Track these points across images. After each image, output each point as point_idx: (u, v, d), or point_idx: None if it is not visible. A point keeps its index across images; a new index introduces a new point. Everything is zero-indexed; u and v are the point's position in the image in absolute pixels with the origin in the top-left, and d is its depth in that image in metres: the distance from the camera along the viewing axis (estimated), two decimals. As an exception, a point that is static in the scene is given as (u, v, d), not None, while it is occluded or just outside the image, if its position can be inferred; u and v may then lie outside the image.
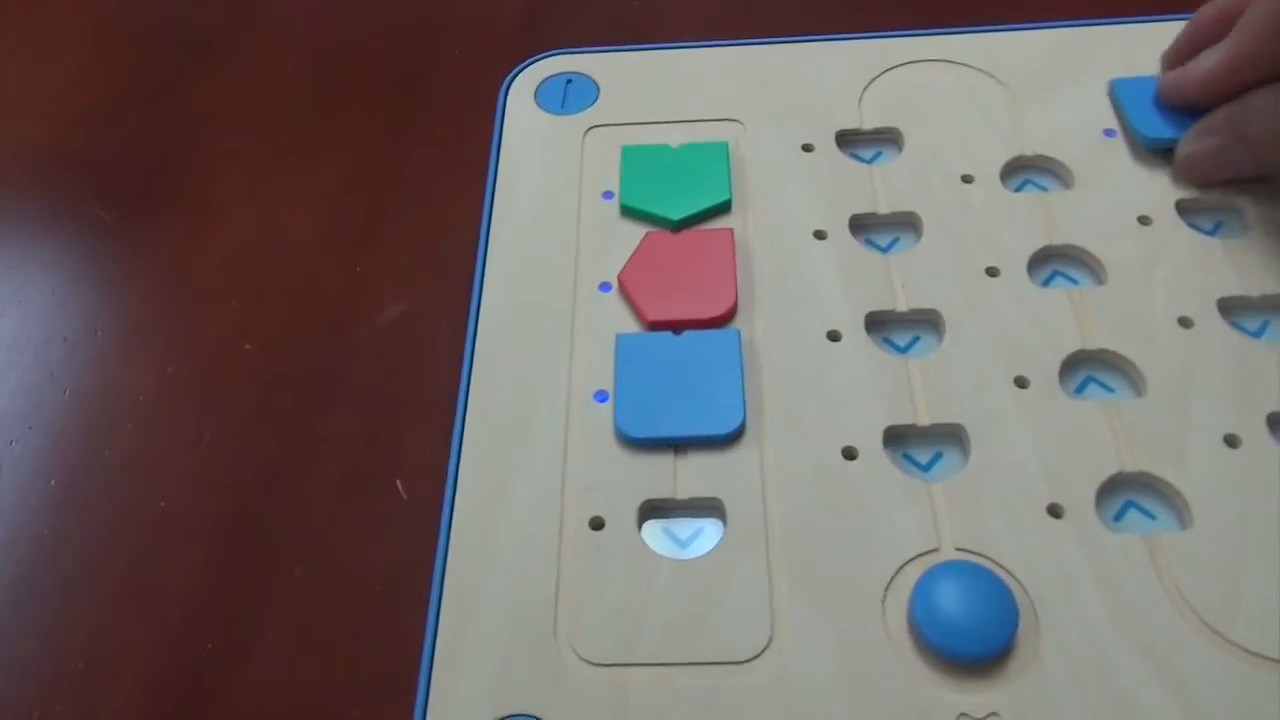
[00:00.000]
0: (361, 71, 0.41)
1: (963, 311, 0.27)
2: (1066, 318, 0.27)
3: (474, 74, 0.40)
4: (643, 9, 0.42)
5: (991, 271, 0.28)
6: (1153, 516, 0.24)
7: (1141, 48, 0.33)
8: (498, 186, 0.31)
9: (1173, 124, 0.30)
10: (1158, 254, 0.28)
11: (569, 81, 0.34)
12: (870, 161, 0.32)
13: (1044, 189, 0.31)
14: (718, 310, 0.27)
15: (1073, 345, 0.26)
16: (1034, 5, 0.39)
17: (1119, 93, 0.31)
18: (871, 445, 0.25)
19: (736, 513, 0.24)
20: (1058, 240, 0.29)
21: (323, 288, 0.34)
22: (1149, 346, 0.26)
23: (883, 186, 0.30)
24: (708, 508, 0.25)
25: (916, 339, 0.28)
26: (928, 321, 0.28)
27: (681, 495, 0.25)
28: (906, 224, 0.30)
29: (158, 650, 0.26)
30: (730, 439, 0.25)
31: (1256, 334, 0.27)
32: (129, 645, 0.26)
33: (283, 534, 0.28)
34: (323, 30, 0.43)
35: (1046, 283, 0.28)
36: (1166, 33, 0.33)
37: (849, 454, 0.25)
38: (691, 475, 0.25)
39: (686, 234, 0.29)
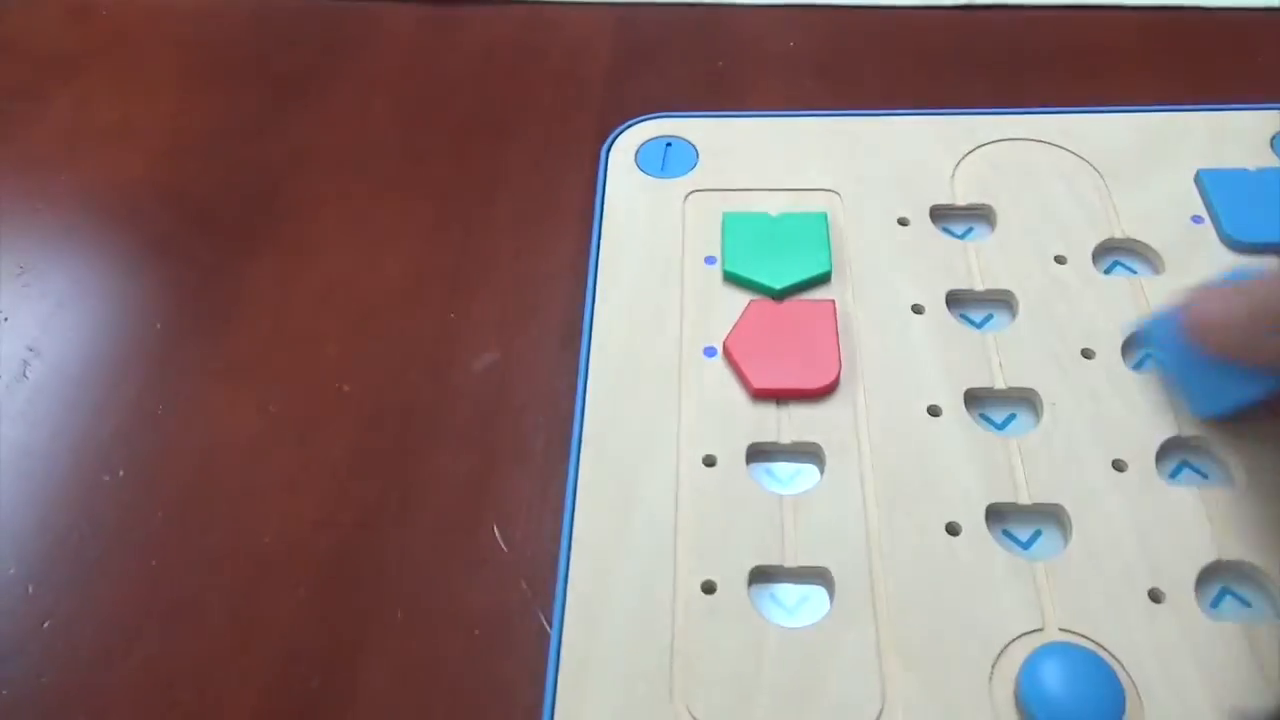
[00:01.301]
0: (451, 117, 0.42)
1: (1060, 392, 0.28)
2: (1161, 402, 0.28)
3: (562, 126, 0.41)
4: (726, 69, 0.43)
5: (1087, 353, 0.29)
6: (1248, 604, 0.25)
7: (1226, 136, 0.34)
8: (602, 247, 0.32)
9: (1261, 226, 0.31)
10: (1248, 343, 0.29)
11: (669, 145, 0.35)
12: (963, 237, 0.33)
13: (1133, 272, 0.31)
14: (822, 381, 0.28)
15: (1168, 432, 0.27)
16: (1113, 85, 0.40)
17: (1206, 184, 0.32)
18: (974, 521, 0.26)
19: (844, 583, 0.25)
20: (1150, 325, 0.30)
21: (416, 332, 0.35)
22: (1241, 436, 0.27)
23: (978, 262, 0.31)
24: (815, 576, 0.25)
25: (1013, 416, 0.28)
26: (1025, 400, 0.28)
27: (790, 564, 0.25)
28: (1002, 301, 0.31)
29: (263, 685, 0.27)
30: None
31: (1346, 427, 0.28)
32: (234, 679, 0.27)
33: (382, 574, 0.29)
34: (413, 74, 0.44)
35: (1138, 366, 0.29)
36: (1251, 122, 0.34)
37: (952, 529, 0.26)
38: (799, 542, 0.26)
39: (789, 303, 0.30)
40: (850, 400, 0.28)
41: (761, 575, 0.25)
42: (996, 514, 0.26)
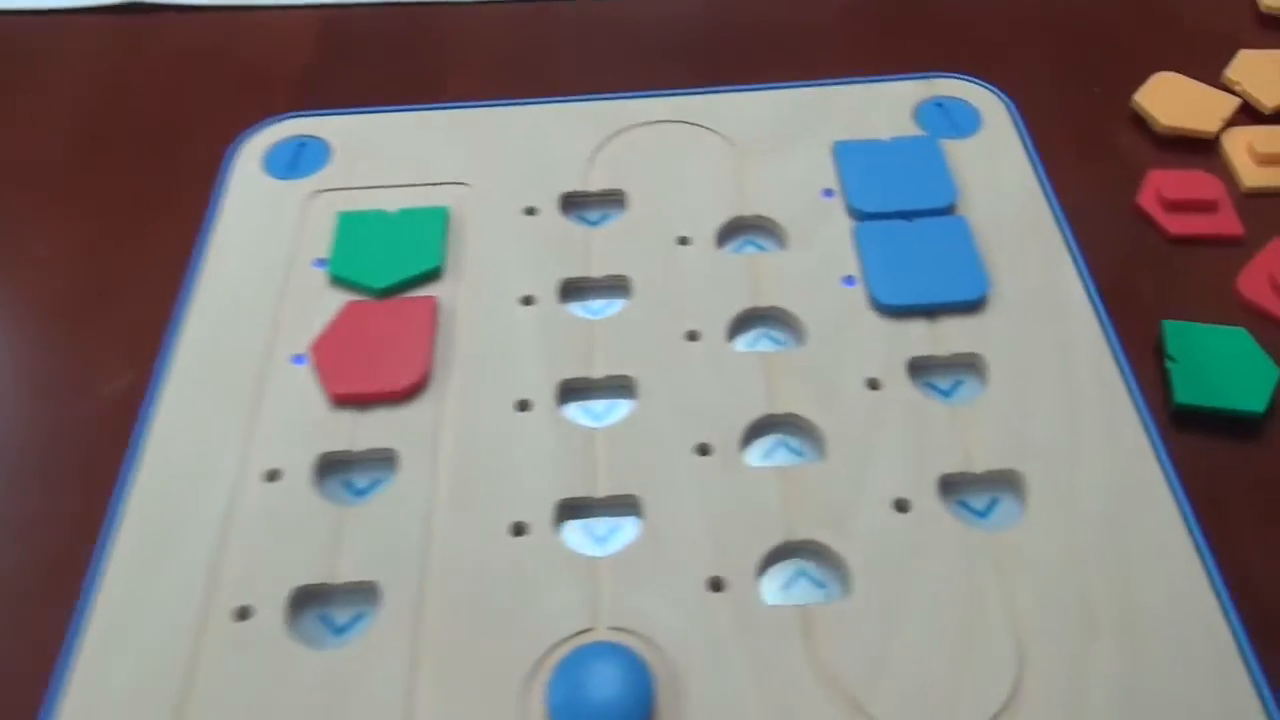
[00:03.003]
0: (131, 130, 0.40)
1: (657, 377, 0.27)
2: (758, 381, 0.27)
3: (234, 134, 0.39)
4: (430, 68, 0.42)
5: (692, 335, 0.28)
6: (822, 585, 0.24)
7: (873, 108, 0.33)
8: (207, 257, 0.30)
9: (885, 195, 0.30)
10: (856, 313, 0.28)
11: (302, 145, 0.33)
12: (596, 224, 0.31)
13: (762, 249, 0.31)
14: (406, 381, 0.27)
15: (759, 410, 0.26)
16: (811, 64, 0.39)
17: (840, 156, 0.32)
18: (543, 520, 0.24)
19: (391, 599, 0.23)
20: (763, 302, 0.29)
21: (49, 355, 0.33)
22: (834, 409, 0.26)
23: (601, 249, 0.30)
24: (362, 593, 0.24)
25: (614, 406, 0.27)
26: (623, 388, 0.27)
27: (338, 580, 0.24)
28: (619, 288, 0.29)
29: None
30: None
31: (947, 394, 0.27)
32: None
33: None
34: (98, 88, 0.42)
35: (753, 345, 0.28)
36: (897, 92, 0.34)
37: (518, 529, 0.24)
38: (355, 559, 0.24)
39: (388, 303, 0.29)
40: (436, 401, 0.27)
41: (307, 597, 0.24)
42: (571, 509, 0.25)
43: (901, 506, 0.24)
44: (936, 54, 0.41)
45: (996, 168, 0.31)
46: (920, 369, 0.27)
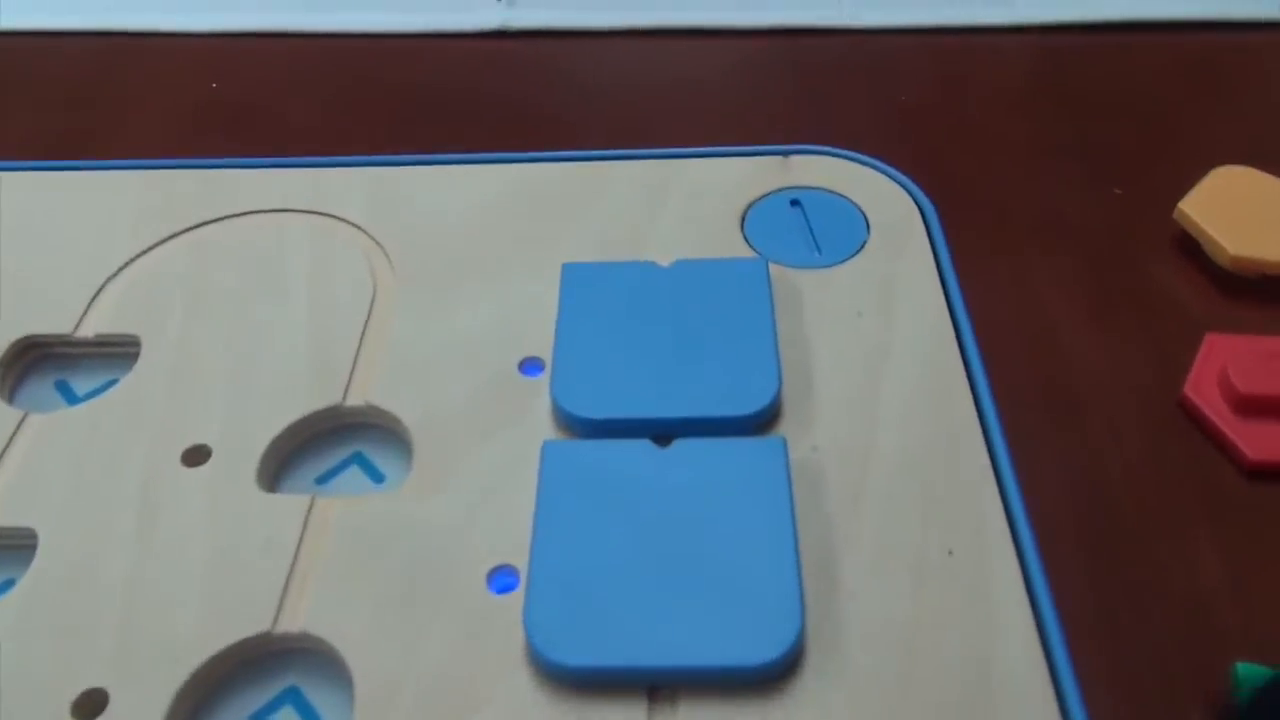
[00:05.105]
0: None
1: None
2: None
3: None
4: (97, 117, 0.28)
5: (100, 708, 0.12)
6: None
7: (663, 202, 0.18)
8: None
9: (629, 386, 0.14)
10: (496, 671, 0.12)
11: None
12: (81, 400, 0.16)
13: (374, 481, 0.15)
14: None
15: None
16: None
17: (566, 294, 0.16)
18: None
19: None
20: (293, 626, 0.13)
21: None
22: None
23: (20, 469, 0.14)
24: None
25: None
26: None
27: None
28: (16, 549, 0.14)
29: None
30: None
31: None
32: None
33: None
34: None
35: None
36: (718, 179, 0.18)
37: None
38: None
39: None
40: None
41: None
42: None
43: None
44: (858, 126, 0.25)
45: (884, 326, 0.15)
46: None
